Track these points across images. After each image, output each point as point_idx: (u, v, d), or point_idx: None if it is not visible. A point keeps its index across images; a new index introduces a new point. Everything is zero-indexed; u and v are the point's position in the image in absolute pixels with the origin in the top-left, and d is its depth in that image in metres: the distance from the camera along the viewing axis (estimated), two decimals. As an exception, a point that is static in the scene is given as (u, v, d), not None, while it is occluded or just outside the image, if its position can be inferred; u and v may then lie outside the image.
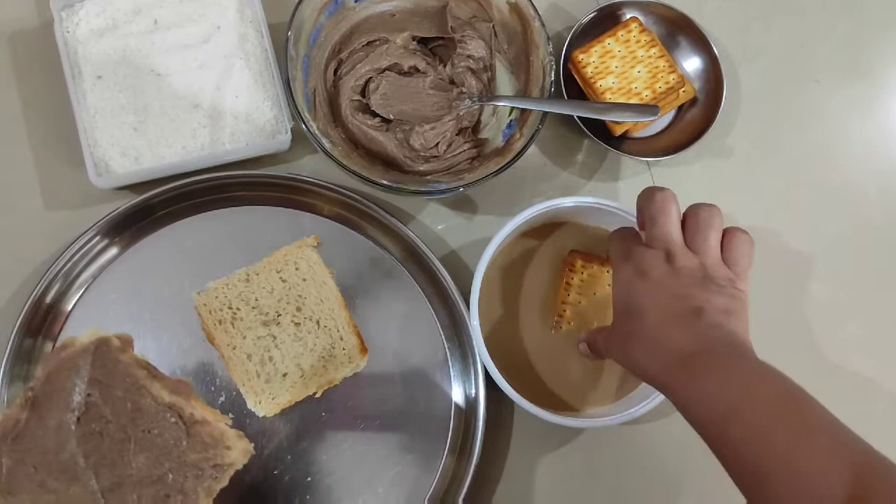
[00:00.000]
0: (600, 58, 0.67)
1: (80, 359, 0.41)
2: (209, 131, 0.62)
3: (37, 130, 0.63)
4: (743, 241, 0.51)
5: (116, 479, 0.39)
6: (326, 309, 0.61)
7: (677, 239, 0.51)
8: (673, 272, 0.49)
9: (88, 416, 0.40)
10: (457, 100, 0.64)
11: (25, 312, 0.58)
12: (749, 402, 0.43)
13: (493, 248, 0.61)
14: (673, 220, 0.51)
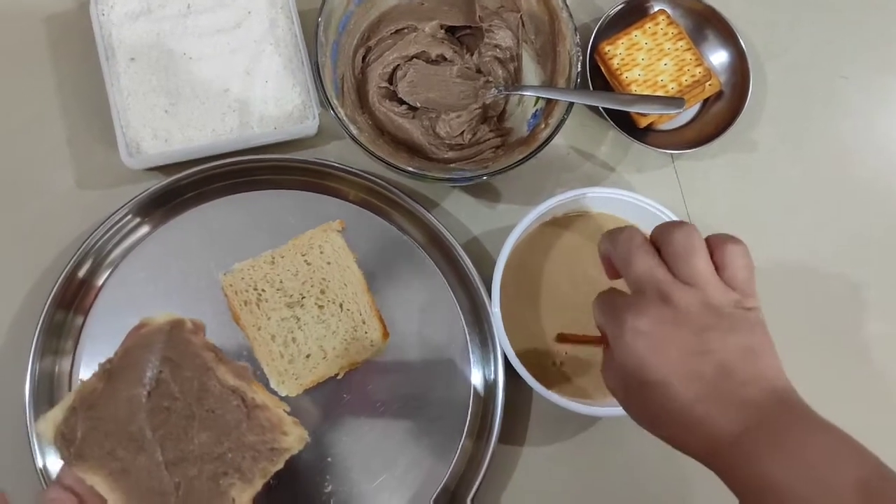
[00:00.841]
0: (627, 50, 0.67)
1: (155, 337, 0.42)
2: (238, 115, 0.63)
3: (70, 111, 0.65)
4: (735, 252, 0.45)
5: (179, 454, 0.41)
6: (350, 293, 0.62)
7: (663, 274, 0.44)
8: (675, 317, 0.43)
9: (158, 391, 0.41)
10: (483, 89, 0.64)
11: (58, 287, 0.59)
12: (824, 493, 0.38)
13: (515, 236, 0.61)
14: (649, 254, 0.45)
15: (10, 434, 0.59)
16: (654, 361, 0.43)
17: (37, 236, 0.62)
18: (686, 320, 0.43)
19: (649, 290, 0.44)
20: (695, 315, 0.43)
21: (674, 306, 0.43)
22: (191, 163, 0.62)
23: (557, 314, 0.64)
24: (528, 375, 0.59)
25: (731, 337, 0.43)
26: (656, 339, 0.43)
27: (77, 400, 0.41)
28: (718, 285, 0.44)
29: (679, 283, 0.44)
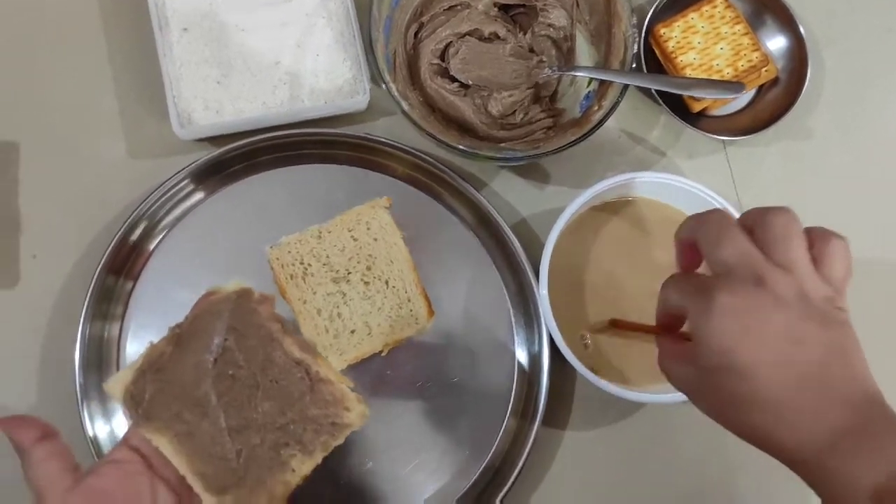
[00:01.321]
0: (682, 33, 0.66)
1: (223, 305, 0.43)
2: (289, 88, 0.63)
3: (123, 80, 0.65)
4: (837, 247, 0.42)
5: (243, 422, 0.41)
6: (396, 270, 0.61)
7: (758, 256, 0.41)
8: (770, 301, 0.40)
9: (224, 359, 0.42)
10: (536, 68, 0.63)
11: (109, 252, 0.59)
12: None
13: (565, 218, 0.60)
14: (741, 235, 0.42)
15: (60, 399, 0.59)
16: (746, 344, 0.40)
17: (88, 204, 0.63)
18: (781, 306, 0.40)
19: (742, 271, 0.41)
20: (790, 302, 0.40)
21: (769, 290, 0.40)
22: (240, 135, 0.62)
23: (603, 299, 0.63)
24: (574, 359, 0.58)
25: (826, 332, 0.40)
26: (750, 319, 0.40)
27: (146, 363, 0.41)
28: (815, 277, 0.41)
29: (775, 267, 0.41)
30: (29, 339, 0.61)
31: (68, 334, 0.59)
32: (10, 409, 0.59)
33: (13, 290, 0.61)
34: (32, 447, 0.40)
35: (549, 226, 0.65)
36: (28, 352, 0.60)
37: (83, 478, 0.40)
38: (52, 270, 0.62)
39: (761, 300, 0.40)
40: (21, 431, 0.40)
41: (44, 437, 0.40)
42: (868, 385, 0.40)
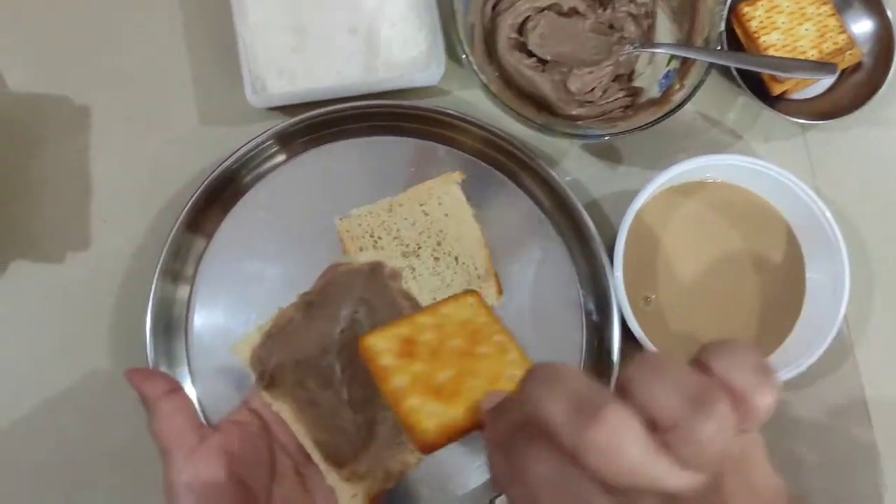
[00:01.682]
0: (766, 12, 0.64)
1: (355, 277, 0.42)
2: (364, 58, 0.62)
3: (197, 46, 0.64)
4: (767, 403, 0.28)
5: (366, 396, 0.40)
6: (466, 246, 0.61)
7: (665, 474, 0.27)
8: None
9: (352, 330, 0.41)
10: (617, 45, 0.62)
11: (185, 213, 0.59)
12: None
13: (641, 200, 0.59)
14: (640, 439, 0.26)
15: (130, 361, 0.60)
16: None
17: (159, 171, 0.63)
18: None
19: (647, 492, 0.27)
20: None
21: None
22: (311, 104, 0.62)
23: (675, 283, 0.62)
24: (647, 341, 0.57)
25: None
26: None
27: (274, 327, 0.41)
28: (733, 444, 0.28)
29: (686, 473, 0.27)
30: (99, 302, 0.61)
31: (138, 298, 0.59)
32: (82, 370, 0.60)
33: (85, 253, 0.61)
34: (160, 400, 0.40)
35: (619, 207, 0.64)
36: (98, 315, 0.61)
37: (208, 436, 0.40)
38: (122, 235, 0.62)
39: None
40: (149, 384, 0.40)
41: (171, 392, 0.40)
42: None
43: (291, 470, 0.42)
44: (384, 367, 0.36)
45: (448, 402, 0.35)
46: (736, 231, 0.64)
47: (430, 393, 0.36)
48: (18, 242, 0.61)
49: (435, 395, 0.36)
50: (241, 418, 0.42)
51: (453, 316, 0.38)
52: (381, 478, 0.40)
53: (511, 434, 0.30)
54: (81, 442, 0.59)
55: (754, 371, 0.28)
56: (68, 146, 0.62)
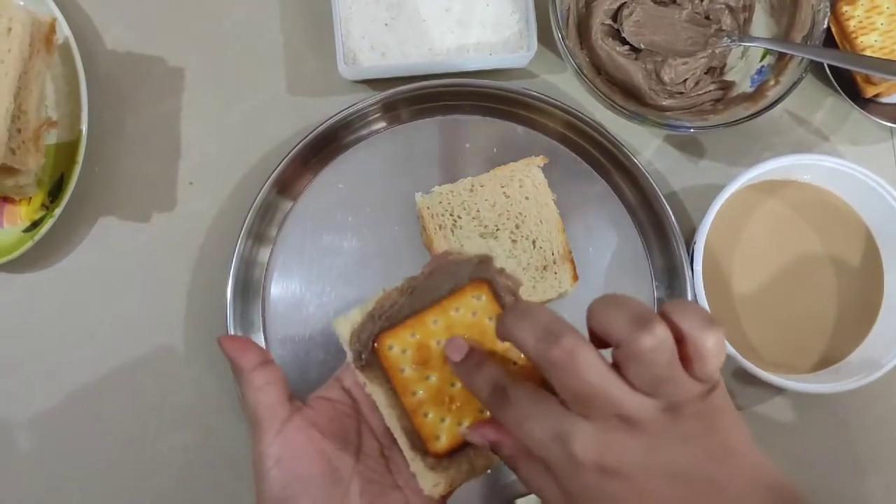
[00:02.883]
0: (866, 12, 0.63)
1: (462, 268, 0.41)
2: (456, 37, 0.62)
3: (290, 15, 0.65)
4: (712, 344, 0.34)
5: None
6: (544, 231, 0.61)
7: (619, 388, 0.34)
8: (646, 444, 0.34)
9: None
10: (713, 37, 0.61)
11: (277, 172, 0.60)
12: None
13: (725, 195, 0.59)
14: (599, 361, 0.34)
15: (206, 322, 0.61)
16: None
17: (245, 137, 0.63)
18: (657, 443, 0.34)
19: (601, 414, 0.34)
20: (661, 432, 0.34)
21: (640, 429, 0.34)
22: (398, 79, 0.62)
23: (751, 280, 0.62)
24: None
25: (708, 442, 0.34)
26: (630, 480, 0.33)
27: (377, 308, 0.41)
28: (686, 382, 0.34)
29: (638, 395, 0.34)
30: (181, 262, 0.62)
31: (218, 260, 0.61)
32: (160, 328, 0.61)
33: (169, 214, 0.63)
34: (253, 371, 0.40)
35: (699, 201, 0.64)
36: (179, 275, 0.62)
37: (298, 410, 0.40)
38: (206, 198, 0.63)
39: (636, 446, 0.34)
40: (243, 354, 0.40)
41: (264, 363, 0.40)
42: (767, 478, 0.35)
43: (377, 451, 0.42)
44: (404, 379, 0.39)
45: (456, 414, 0.39)
46: (815, 232, 0.63)
47: (443, 405, 0.39)
48: (107, 199, 0.62)
49: (446, 408, 0.39)
50: (332, 395, 0.42)
51: (462, 315, 0.40)
52: (465, 470, 0.40)
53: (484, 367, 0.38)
54: (156, 397, 0.61)
55: (701, 319, 0.34)
56: (160, 107, 0.63)
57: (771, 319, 0.62)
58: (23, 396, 0.60)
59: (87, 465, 0.60)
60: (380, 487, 0.41)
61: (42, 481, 0.60)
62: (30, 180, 0.59)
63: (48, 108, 0.61)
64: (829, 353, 0.62)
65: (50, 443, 0.60)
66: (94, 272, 0.62)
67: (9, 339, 0.61)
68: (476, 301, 0.41)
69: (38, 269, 0.62)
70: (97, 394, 0.61)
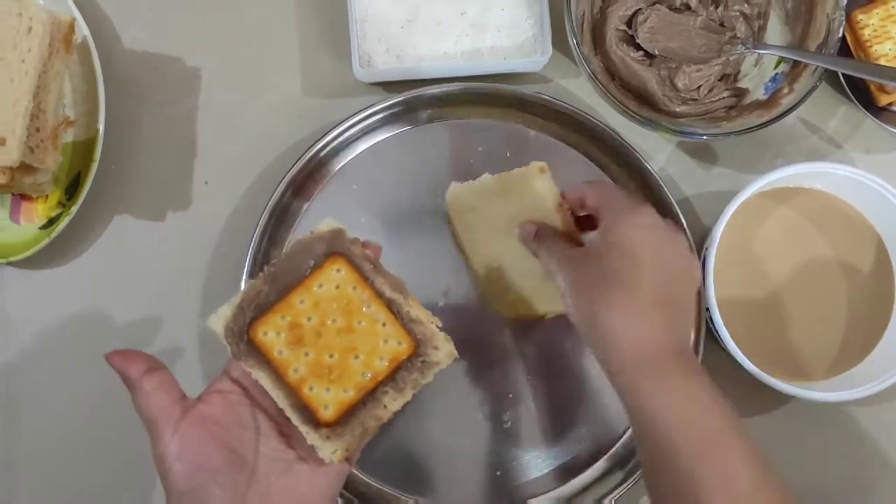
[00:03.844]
0: (881, 21, 0.63)
1: (317, 244, 0.44)
2: (471, 40, 0.62)
3: (306, 18, 0.65)
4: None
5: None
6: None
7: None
8: (683, 240, 0.49)
9: None
10: (728, 44, 0.61)
11: (293, 172, 0.60)
12: (708, 419, 0.44)
13: (737, 202, 0.59)
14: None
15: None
16: (645, 262, 0.46)
17: (260, 137, 0.64)
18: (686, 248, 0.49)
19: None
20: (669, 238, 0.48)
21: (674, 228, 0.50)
22: (411, 82, 0.62)
23: (763, 287, 0.62)
24: (735, 347, 0.57)
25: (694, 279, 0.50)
26: (655, 243, 0.47)
27: (245, 299, 0.43)
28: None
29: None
30: (195, 261, 0.63)
31: (232, 259, 0.61)
32: (173, 325, 0.62)
33: (184, 213, 0.63)
34: (141, 379, 0.42)
35: (711, 207, 0.64)
36: (193, 273, 0.63)
37: (191, 407, 0.42)
38: (221, 197, 0.63)
39: (677, 235, 0.49)
40: (130, 365, 0.43)
41: (151, 370, 0.42)
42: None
43: (275, 431, 0.44)
44: (283, 360, 0.42)
45: (338, 382, 0.42)
46: (827, 240, 0.63)
47: (323, 376, 0.42)
48: (123, 197, 0.63)
49: (327, 378, 0.43)
50: (223, 387, 0.44)
51: (326, 290, 0.43)
52: (358, 433, 0.42)
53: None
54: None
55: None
56: (176, 107, 0.64)
57: (782, 327, 0.62)
58: (38, 392, 0.61)
59: (102, 460, 0.61)
60: (284, 464, 0.43)
61: (56, 475, 0.61)
62: (47, 178, 0.59)
63: (66, 106, 0.62)
64: (840, 361, 0.62)
65: (64, 438, 0.61)
66: (109, 270, 0.62)
67: (24, 334, 0.62)
68: (337, 274, 0.44)
69: (54, 266, 0.62)
70: (111, 390, 0.61)
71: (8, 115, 0.54)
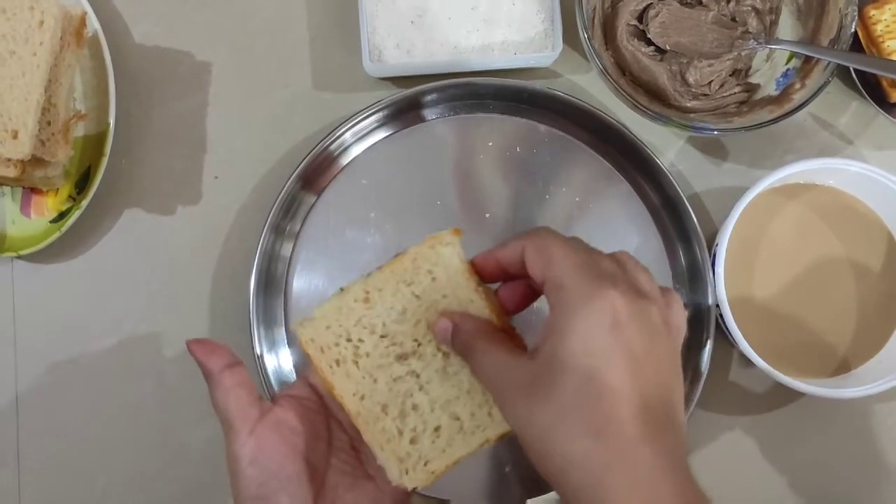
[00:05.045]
0: (894, 16, 0.63)
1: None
2: (482, 35, 0.62)
3: (316, 12, 0.65)
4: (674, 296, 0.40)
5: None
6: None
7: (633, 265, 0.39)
8: (661, 323, 0.37)
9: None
10: (739, 39, 0.61)
11: (302, 167, 0.60)
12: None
13: (748, 198, 0.59)
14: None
15: (229, 313, 0.62)
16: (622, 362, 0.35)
17: (271, 132, 0.64)
18: (664, 330, 0.37)
19: (620, 278, 0.37)
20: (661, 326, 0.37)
21: (654, 304, 0.36)
22: (425, 76, 0.62)
23: (773, 284, 0.62)
24: (745, 344, 0.57)
25: (668, 340, 0.37)
26: (636, 331, 0.35)
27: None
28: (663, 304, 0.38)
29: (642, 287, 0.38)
30: (205, 256, 0.63)
31: (242, 254, 0.61)
32: (183, 320, 0.62)
33: (194, 207, 0.63)
34: (221, 374, 0.41)
35: (721, 203, 0.64)
36: (203, 268, 0.63)
37: (268, 410, 0.41)
38: (231, 192, 0.63)
39: (651, 315, 0.36)
40: (211, 357, 0.41)
41: (232, 365, 0.41)
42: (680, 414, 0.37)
43: (347, 444, 0.43)
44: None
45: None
46: (836, 236, 0.63)
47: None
48: (134, 191, 0.63)
49: None
50: (300, 393, 0.43)
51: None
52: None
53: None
54: (179, 386, 0.61)
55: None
56: (187, 101, 0.64)
57: (792, 323, 0.62)
58: (48, 386, 0.61)
59: (111, 454, 0.61)
60: (352, 479, 0.42)
61: (67, 469, 0.61)
62: (58, 172, 0.59)
63: (77, 100, 0.62)
64: (850, 357, 0.62)
65: (74, 431, 0.61)
66: (119, 263, 0.63)
67: (34, 328, 0.62)
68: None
69: (65, 260, 0.62)
70: (121, 384, 0.61)
71: (20, 108, 0.54)
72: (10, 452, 0.61)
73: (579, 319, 0.35)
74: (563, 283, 0.36)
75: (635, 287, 0.37)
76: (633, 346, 0.35)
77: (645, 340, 0.35)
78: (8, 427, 0.61)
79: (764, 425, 0.63)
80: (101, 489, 0.61)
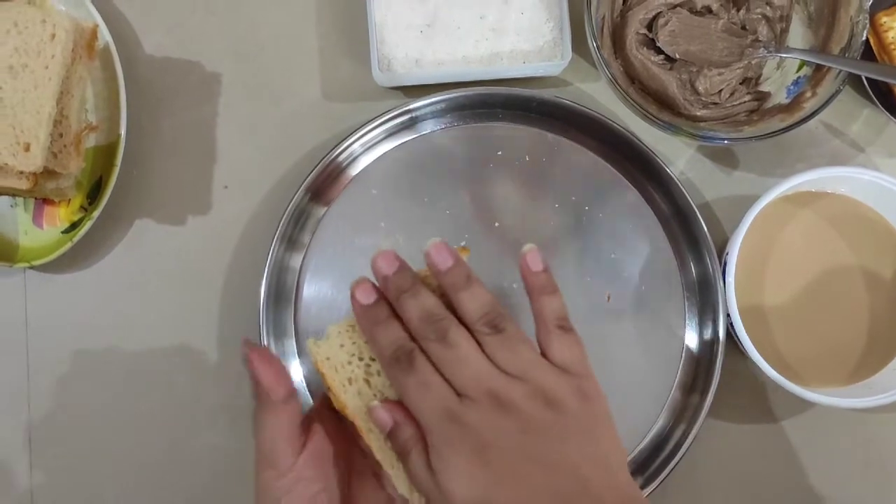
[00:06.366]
0: (906, 23, 0.62)
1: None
2: (491, 45, 0.62)
3: (326, 23, 0.65)
4: (564, 338, 0.39)
5: None
6: None
7: (488, 369, 0.38)
8: (522, 432, 0.36)
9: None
10: (750, 47, 0.61)
11: (310, 178, 0.61)
12: None
13: (759, 206, 0.58)
14: (473, 346, 0.38)
15: (238, 322, 0.62)
16: (503, 489, 0.36)
17: (280, 141, 0.64)
18: (531, 427, 0.37)
19: (479, 394, 0.37)
20: (537, 417, 0.37)
21: (515, 411, 0.37)
22: (433, 86, 0.62)
23: (783, 294, 0.62)
24: (756, 353, 0.57)
25: (586, 446, 0.37)
26: (501, 456, 0.36)
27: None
28: (552, 371, 0.38)
29: (508, 379, 0.37)
30: (215, 266, 0.63)
31: (251, 264, 0.61)
32: (193, 330, 0.62)
33: (204, 217, 0.63)
34: (285, 404, 0.40)
35: (731, 212, 0.64)
36: (213, 278, 0.63)
37: (307, 441, 0.40)
38: (241, 202, 0.64)
39: (508, 427, 0.36)
40: (278, 385, 0.40)
41: (289, 395, 0.40)
42: (629, 489, 0.38)
43: (370, 470, 0.43)
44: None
45: None
46: (848, 245, 0.63)
47: None
48: (144, 202, 0.63)
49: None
50: (325, 416, 0.43)
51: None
52: None
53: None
54: (189, 396, 0.62)
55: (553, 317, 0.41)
56: (197, 112, 0.64)
57: (803, 332, 0.61)
58: (58, 395, 0.62)
59: (121, 463, 0.61)
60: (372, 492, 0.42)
61: (77, 477, 0.61)
62: (69, 183, 0.60)
63: (88, 112, 0.62)
64: (862, 367, 0.61)
65: (84, 440, 0.61)
66: (130, 274, 0.63)
67: (46, 337, 0.62)
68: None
69: (76, 270, 0.63)
70: (132, 393, 0.62)
71: (32, 121, 0.55)
72: (23, 460, 0.61)
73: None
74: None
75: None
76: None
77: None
78: (20, 435, 0.61)
79: (775, 435, 0.63)
80: (113, 496, 0.61)
